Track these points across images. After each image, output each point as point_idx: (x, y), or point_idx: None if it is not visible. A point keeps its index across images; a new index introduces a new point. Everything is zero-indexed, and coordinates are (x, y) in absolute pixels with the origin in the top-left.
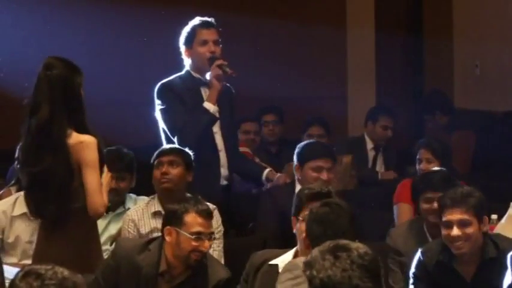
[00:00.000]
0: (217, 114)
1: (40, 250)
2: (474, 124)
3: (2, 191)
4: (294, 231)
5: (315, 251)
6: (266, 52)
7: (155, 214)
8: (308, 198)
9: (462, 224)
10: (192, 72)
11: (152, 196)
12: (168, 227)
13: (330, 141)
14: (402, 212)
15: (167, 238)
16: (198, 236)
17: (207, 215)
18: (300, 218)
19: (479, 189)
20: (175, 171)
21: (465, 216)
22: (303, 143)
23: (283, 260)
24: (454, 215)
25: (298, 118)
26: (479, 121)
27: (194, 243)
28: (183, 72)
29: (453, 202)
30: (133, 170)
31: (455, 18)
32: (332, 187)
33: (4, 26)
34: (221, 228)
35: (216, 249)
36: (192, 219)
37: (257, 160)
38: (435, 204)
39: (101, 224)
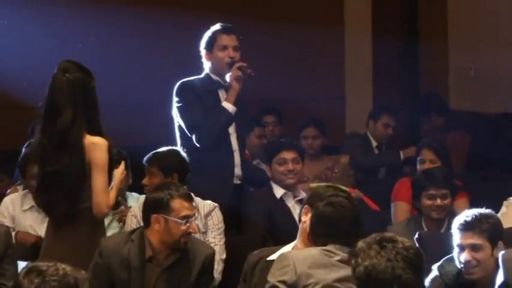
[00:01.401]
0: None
1: (47, 247)
2: (468, 125)
3: (9, 190)
4: (304, 218)
5: (361, 243)
6: (265, 54)
7: None
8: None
9: (473, 249)
10: (212, 75)
11: None
12: (155, 215)
13: (325, 142)
14: (399, 210)
15: (155, 226)
16: (187, 219)
17: (190, 198)
18: None
19: (474, 188)
20: (152, 181)
21: (477, 241)
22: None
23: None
24: (466, 239)
25: (298, 119)
26: (473, 122)
27: (183, 227)
28: (202, 75)
29: (467, 225)
30: (127, 168)
31: (450, 22)
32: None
33: (12, 29)
34: (222, 225)
35: (217, 244)
36: (178, 204)
37: (257, 161)
38: (438, 201)
39: None
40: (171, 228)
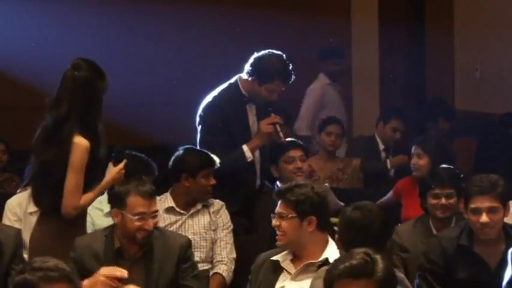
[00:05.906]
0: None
1: (33, 236)
2: (475, 129)
3: (18, 190)
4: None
5: None
6: None
7: (168, 210)
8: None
9: (491, 211)
10: (242, 87)
11: (164, 194)
12: (114, 209)
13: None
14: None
15: (115, 220)
16: (141, 216)
17: (149, 195)
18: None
19: None
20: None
21: (494, 204)
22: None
23: (283, 255)
24: (484, 203)
25: None
26: (479, 123)
27: (138, 223)
28: (231, 85)
29: (482, 190)
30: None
31: (456, 24)
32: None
33: (29, 27)
34: (230, 223)
35: (228, 242)
36: (133, 201)
37: None
38: (443, 200)
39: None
40: (126, 223)
